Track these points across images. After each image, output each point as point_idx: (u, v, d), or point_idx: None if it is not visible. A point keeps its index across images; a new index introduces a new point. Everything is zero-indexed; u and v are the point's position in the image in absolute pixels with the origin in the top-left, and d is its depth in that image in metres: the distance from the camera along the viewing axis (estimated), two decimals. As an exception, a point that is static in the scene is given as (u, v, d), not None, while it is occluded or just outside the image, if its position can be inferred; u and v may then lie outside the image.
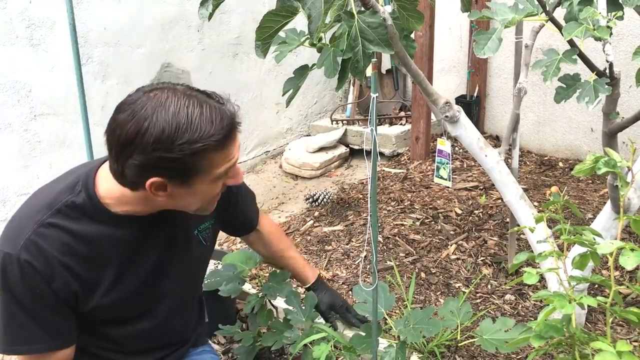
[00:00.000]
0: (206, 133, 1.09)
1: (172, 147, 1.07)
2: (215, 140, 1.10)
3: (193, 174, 1.13)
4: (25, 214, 1.21)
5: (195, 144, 1.08)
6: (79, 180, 1.23)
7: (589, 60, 1.54)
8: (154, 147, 1.07)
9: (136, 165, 1.10)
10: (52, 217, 1.18)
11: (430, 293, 2.44)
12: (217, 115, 1.12)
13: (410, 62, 1.80)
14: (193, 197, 1.19)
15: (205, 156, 1.11)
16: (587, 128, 3.65)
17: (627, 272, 2.39)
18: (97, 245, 1.22)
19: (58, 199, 1.20)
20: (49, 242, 1.16)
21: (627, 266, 1.00)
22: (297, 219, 3.27)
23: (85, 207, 1.20)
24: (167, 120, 1.07)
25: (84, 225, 1.20)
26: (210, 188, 1.20)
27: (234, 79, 3.87)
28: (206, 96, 1.15)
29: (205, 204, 1.25)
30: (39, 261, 1.15)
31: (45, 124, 2.77)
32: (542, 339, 1.09)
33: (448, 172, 2.48)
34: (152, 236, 1.30)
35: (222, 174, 1.18)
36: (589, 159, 1.14)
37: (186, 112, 1.08)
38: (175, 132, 1.06)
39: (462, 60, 4.13)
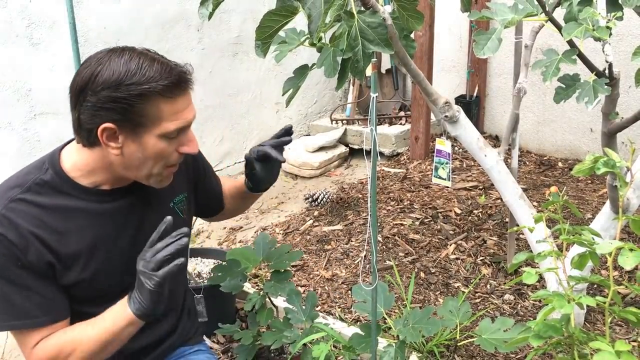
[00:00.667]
0: (153, 78, 1.15)
1: (119, 87, 1.14)
2: (162, 85, 1.15)
3: (141, 123, 1.17)
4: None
5: (141, 85, 1.14)
6: (45, 160, 1.28)
7: (589, 61, 1.54)
8: (103, 86, 1.14)
9: (88, 108, 1.16)
10: (22, 194, 1.21)
11: (429, 293, 2.44)
12: (167, 67, 1.19)
13: (410, 62, 1.80)
14: (144, 155, 1.21)
15: (151, 102, 1.16)
16: (586, 128, 3.66)
17: (626, 272, 2.39)
18: (70, 218, 1.24)
19: (26, 178, 1.24)
20: (20, 216, 1.19)
21: (626, 266, 1.00)
22: (297, 219, 3.27)
23: (54, 182, 1.24)
24: (119, 65, 1.15)
25: (55, 199, 1.23)
26: (162, 148, 1.21)
27: (234, 79, 3.87)
28: (162, 57, 1.22)
29: (158, 169, 1.24)
30: (11, 233, 1.17)
31: (45, 123, 2.77)
32: (541, 338, 1.09)
33: (447, 172, 2.48)
34: (127, 209, 1.32)
35: (173, 132, 1.20)
36: (588, 159, 1.14)
37: (138, 61, 1.16)
38: (124, 75, 1.14)
39: (461, 60, 4.13)
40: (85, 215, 1.26)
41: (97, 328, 1.23)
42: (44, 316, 1.22)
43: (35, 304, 1.21)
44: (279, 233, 3.13)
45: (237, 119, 3.96)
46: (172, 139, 1.22)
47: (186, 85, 1.22)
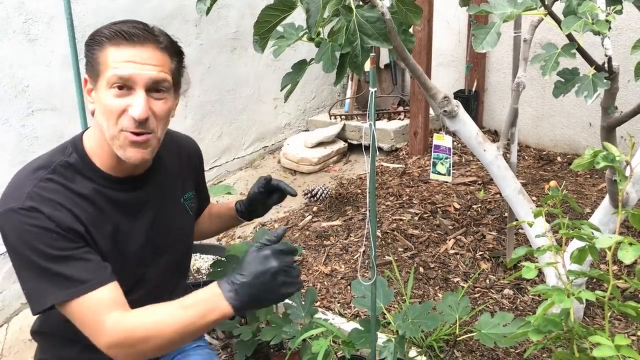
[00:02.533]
0: (109, 27, 1.21)
1: (89, 39, 1.23)
2: (108, 30, 1.20)
3: (97, 70, 1.21)
4: (20, 177, 1.24)
5: (98, 33, 1.21)
6: (68, 144, 1.31)
7: (588, 55, 1.54)
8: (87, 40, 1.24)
9: None
10: (49, 174, 1.23)
11: (428, 288, 2.44)
12: (131, 22, 1.23)
13: (409, 57, 1.79)
14: (100, 109, 1.22)
15: (102, 48, 1.20)
16: (585, 123, 3.65)
17: (625, 267, 2.39)
18: (93, 201, 1.25)
19: (51, 160, 1.26)
20: (51, 193, 1.20)
21: (626, 260, 1.00)
22: (296, 214, 3.26)
23: (78, 165, 1.26)
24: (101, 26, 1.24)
25: (79, 183, 1.25)
26: (109, 99, 1.19)
27: (232, 74, 3.86)
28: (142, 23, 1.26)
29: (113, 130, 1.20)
30: (45, 206, 1.17)
31: (42, 119, 2.76)
32: (540, 333, 1.09)
33: (447, 167, 2.47)
34: (142, 201, 1.35)
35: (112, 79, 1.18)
36: (588, 154, 1.14)
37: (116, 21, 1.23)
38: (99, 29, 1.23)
39: (460, 55, 4.12)
40: (105, 201, 1.28)
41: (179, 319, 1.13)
42: (93, 279, 1.17)
43: (80, 269, 1.17)
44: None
45: (235, 115, 3.95)
46: (119, 95, 1.19)
47: (134, 37, 1.20)
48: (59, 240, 1.16)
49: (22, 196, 1.17)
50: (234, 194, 2.80)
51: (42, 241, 1.15)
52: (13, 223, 1.16)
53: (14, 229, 1.16)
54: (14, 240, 1.16)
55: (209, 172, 3.75)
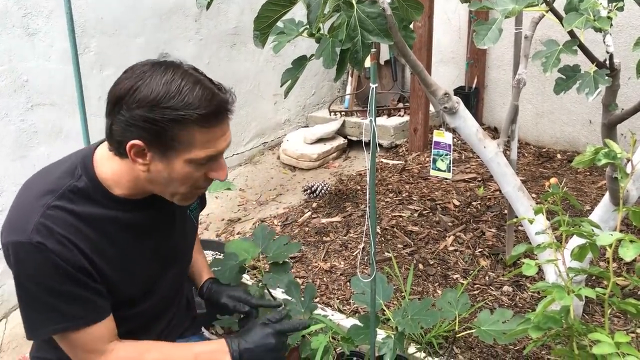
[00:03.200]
0: (191, 105, 1.12)
1: (155, 109, 1.11)
2: (198, 114, 1.12)
3: (172, 146, 1.15)
4: (26, 201, 1.22)
5: (177, 111, 1.11)
6: (77, 164, 1.26)
7: (589, 51, 1.54)
8: (139, 104, 1.12)
9: (121, 122, 1.14)
10: (56, 200, 1.20)
11: (428, 284, 2.44)
12: (208, 94, 1.15)
13: (409, 53, 1.79)
14: (170, 176, 1.19)
15: (185, 128, 1.13)
16: (585, 120, 3.65)
17: (625, 264, 2.39)
18: (101, 226, 1.23)
19: (59, 184, 1.22)
20: (56, 223, 1.17)
21: (627, 257, 1.00)
22: (295, 210, 3.26)
23: (88, 190, 1.23)
24: (158, 85, 1.12)
25: (88, 208, 1.22)
26: (189, 172, 1.19)
27: (232, 70, 3.85)
28: (207, 79, 1.19)
29: (184, 190, 1.23)
30: (50, 241, 1.16)
31: (42, 114, 2.75)
32: (540, 330, 1.09)
33: (448, 163, 2.47)
34: (153, 218, 1.33)
35: (203, 159, 1.18)
36: (589, 151, 1.13)
37: (179, 83, 1.13)
38: (162, 97, 1.11)
39: (460, 52, 4.12)
40: (114, 223, 1.25)
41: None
42: (85, 317, 1.22)
43: (75, 308, 1.20)
44: (278, 225, 3.13)
45: (235, 110, 3.94)
46: (201, 165, 1.20)
47: (225, 115, 1.19)
48: (63, 277, 1.17)
49: (28, 228, 1.16)
50: (233, 190, 2.80)
51: (47, 277, 1.16)
52: (19, 255, 1.16)
53: (20, 261, 1.16)
54: (19, 270, 1.17)
55: (209, 167, 3.74)
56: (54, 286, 1.17)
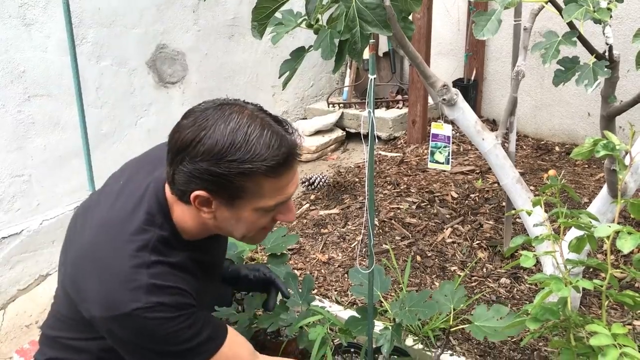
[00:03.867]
0: (259, 156, 1.06)
1: (220, 162, 1.06)
2: (266, 166, 1.07)
3: (239, 196, 1.11)
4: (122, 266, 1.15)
5: (244, 164, 1.06)
6: (154, 211, 1.20)
7: (589, 43, 1.53)
8: (203, 157, 1.06)
9: (185, 173, 1.09)
10: (152, 256, 1.15)
11: (425, 276, 2.45)
12: (276, 141, 1.08)
13: (408, 44, 1.78)
14: (237, 222, 1.16)
15: (253, 180, 1.08)
16: (584, 112, 3.65)
17: (622, 257, 2.40)
18: (190, 270, 1.22)
19: (146, 237, 1.17)
20: (164, 279, 1.14)
21: (624, 249, 1.00)
22: (294, 202, 3.26)
23: (170, 239, 1.19)
24: (223, 135, 1.06)
25: (174, 255, 1.19)
26: (257, 218, 1.16)
27: (230, 61, 3.84)
28: (273, 120, 1.13)
29: (252, 233, 1.22)
30: (165, 296, 1.13)
31: (39, 105, 2.74)
32: (538, 321, 1.09)
33: (446, 155, 2.47)
34: (210, 251, 1.34)
35: (272, 207, 1.15)
36: (588, 142, 1.13)
37: (245, 131, 1.06)
38: (228, 148, 1.05)
39: (459, 44, 4.10)
40: (193, 264, 1.24)
41: None
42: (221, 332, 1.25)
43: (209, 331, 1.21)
44: (276, 216, 3.13)
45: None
46: (270, 211, 1.17)
47: (294, 162, 1.14)
48: (185, 320, 1.15)
49: (140, 293, 1.11)
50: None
51: (173, 329, 1.13)
52: (139, 323, 1.11)
53: (140, 328, 1.12)
54: (140, 338, 1.13)
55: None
56: (179, 335, 1.14)
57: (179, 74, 3.47)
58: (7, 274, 2.65)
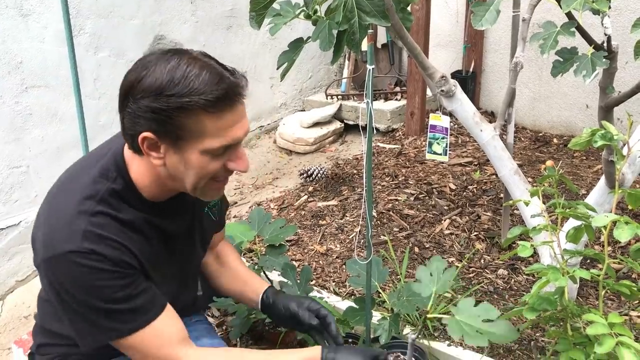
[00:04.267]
0: (197, 90, 1.07)
1: (159, 97, 1.07)
2: (204, 99, 1.07)
3: (182, 136, 1.11)
4: (67, 212, 1.16)
5: (182, 97, 1.07)
6: (109, 165, 1.21)
7: (587, 34, 1.53)
8: (143, 94, 1.08)
9: (130, 114, 1.11)
10: (98, 206, 1.16)
11: (423, 267, 2.46)
12: (215, 78, 1.09)
13: (407, 35, 1.78)
14: (187, 168, 1.15)
15: (193, 116, 1.08)
16: (582, 104, 3.65)
17: (619, 248, 2.41)
18: (140, 229, 1.21)
19: (97, 188, 1.18)
20: (103, 229, 1.14)
21: (621, 238, 1.00)
22: (292, 194, 3.26)
23: (123, 193, 1.20)
24: (162, 73, 1.08)
25: (125, 211, 1.19)
26: (206, 163, 1.14)
27: (228, 52, 3.83)
28: (217, 63, 1.14)
29: (203, 183, 1.19)
30: (101, 247, 1.13)
31: (37, 96, 2.73)
32: (535, 311, 1.10)
33: (444, 146, 2.47)
34: (176, 221, 1.32)
35: (218, 150, 1.13)
36: (586, 132, 1.13)
37: (184, 69, 1.08)
38: (167, 84, 1.07)
39: (458, 35, 4.10)
40: (149, 226, 1.24)
41: None
42: (153, 309, 1.21)
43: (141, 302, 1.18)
44: (274, 208, 3.13)
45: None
46: (217, 155, 1.15)
47: (236, 100, 1.12)
48: (120, 279, 1.15)
49: (77, 237, 1.12)
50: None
51: (103, 283, 1.13)
52: (69, 267, 1.11)
53: (69, 273, 1.12)
54: (69, 283, 1.13)
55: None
56: (111, 291, 1.14)
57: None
58: (5, 265, 2.65)
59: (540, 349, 1.95)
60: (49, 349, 1.38)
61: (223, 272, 1.61)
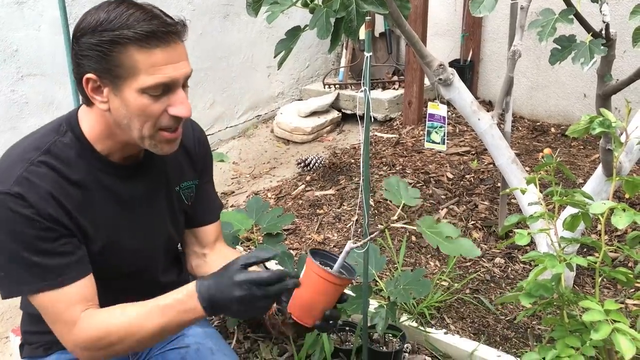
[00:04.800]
0: (128, 25, 1.10)
1: (94, 33, 1.11)
2: (134, 32, 1.09)
3: (118, 74, 1.12)
4: (10, 158, 1.19)
5: (114, 31, 1.09)
6: (62, 121, 1.24)
7: (585, 21, 1.53)
8: (82, 32, 1.12)
9: (74, 57, 1.14)
10: (41, 156, 1.17)
11: (420, 256, 2.46)
12: (148, 15, 1.12)
13: (405, 23, 1.77)
14: (128, 112, 1.14)
15: (125, 50, 1.10)
16: (580, 93, 3.65)
17: (616, 236, 2.41)
18: (86, 188, 1.21)
19: (45, 140, 1.20)
20: (40, 178, 1.15)
21: (619, 225, 1.00)
22: (289, 184, 3.26)
23: (73, 146, 1.21)
24: (100, 13, 1.12)
25: (73, 167, 1.20)
26: (145, 105, 1.13)
27: (225, 41, 3.81)
28: (157, 9, 1.16)
29: (149, 129, 1.16)
30: (31, 194, 1.13)
31: (32, 84, 2.72)
32: (531, 297, 1.10)
33: (442, 135, 2.47)
34: (135, 187, 1.30)
35: (153, 88, 1.12)
36: (584, 120, 1.13)
37: (120, 8, 1.12)
38: (102, 21, 1.10)
39: (456, 24, 4.08)
40: (100, 189, 1.23)
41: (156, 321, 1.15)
42: (69, 273, 1.17)
43: (58, 263, 1.16)
44: (271, 198, 3.13)
45: (228, 83, 3.91)
46: (156, 96, 1.14)
47: (168, 39, 1.13)
48: (41, 231, 1.14)
49: (10, 180, 1.13)
50: (226, 162, 2.79)
51: (24, 230, 1.13)
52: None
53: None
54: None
55: (202, 140, 3.71)
56: (31, 241, 1.13)
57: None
58: (2, 254, 2.65)
59: (537, 337, 1.96)
60: (35, 337, 1.38)
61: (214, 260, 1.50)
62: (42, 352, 1.37)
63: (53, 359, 1.36)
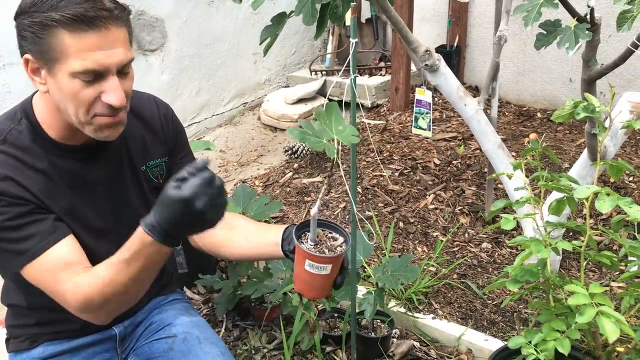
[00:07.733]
0: (58, 7, 1.07)
1: (27, 13, 1.10)
2: (61, 15, 1.06)
3: (50, 57, 1.10)
4: None
5: (43, 12, 1.07)
6: (18, 109, 1.24)
7: (570, 5, 1.53)
8: (18, 12, 1.12)
9: (17, 37, 1.14)
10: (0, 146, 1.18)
11: (408, 242, 2.47)
12: None
13: (391, 9, 1.76)
14: (61, 94, 1.13)
15: (54, 33, 1.07)
16: (565, 78, 3.66)
17: (601, 220, 2.44)
18: (47, 174, 1.21)
19: (1, 129, 1.21)
20: (1, 165, 1.16)
21: (603, 210, 1.01)
22: (276, 171, 3.25)
23: (29, 134, 1.21)
24: None
25: (31, 154, 1.20)
26: (77, 89, 1.11)
27: (210, 28, 3.77)
28: None
29: (84, 114, 1.14)
30: None
31: (15, 73, 2.68)
32: (518, 282, 1.11)
33: (428, 122, 2.47)
34: (95, 169, 1.29)
35: (82, 74, 1.09)
36: (569, 104, 1.14)
37: None
38: (35, 2, 1.08)
39: (442, 10, 4.07)
40: (60, 174, 1.22)
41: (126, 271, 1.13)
42: (48, 237, 1.17)
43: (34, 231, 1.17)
44: (259, 185, 3.12)
45: (213, 70, 3.88)
46: (88, 82, 1.11)
47: (99, 24, 1.08)
48: (6, 207, 1.14)
49: None
50: (213, 150, 2.78)
51: None
52: None
53: None
54: None
55: (188, 129, 3.70)
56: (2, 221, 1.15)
57: (158, 42, 3.41)
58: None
59: (523, 321, 1.98)
60: (19, 330, 1.38)
61: (234, 234, 1.44)
62: (28, 344, 1.37)
63: (39, 352, 1.36)
